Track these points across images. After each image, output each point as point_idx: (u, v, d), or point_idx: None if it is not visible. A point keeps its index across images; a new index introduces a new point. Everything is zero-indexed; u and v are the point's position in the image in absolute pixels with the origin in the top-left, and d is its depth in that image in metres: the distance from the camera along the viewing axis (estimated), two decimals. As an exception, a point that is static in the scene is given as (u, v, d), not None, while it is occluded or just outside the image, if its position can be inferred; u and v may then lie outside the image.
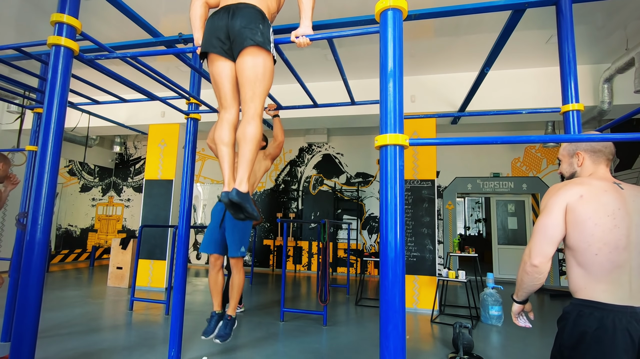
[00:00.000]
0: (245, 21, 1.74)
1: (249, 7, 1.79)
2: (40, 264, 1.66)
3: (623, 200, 1.19)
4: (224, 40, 1.78)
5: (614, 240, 1.15)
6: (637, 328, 1.09)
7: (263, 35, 1.75)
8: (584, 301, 1.18)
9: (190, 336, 3.50)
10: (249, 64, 1.76)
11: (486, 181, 7.60)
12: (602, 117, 4.85)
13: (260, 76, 1.78)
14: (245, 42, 1.73)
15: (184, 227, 2.87)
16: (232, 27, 1.75)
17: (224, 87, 1.86)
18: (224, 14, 1.78)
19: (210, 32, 1.80)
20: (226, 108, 1.89)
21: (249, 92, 1.78)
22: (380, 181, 1.40)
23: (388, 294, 1.33)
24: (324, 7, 3.71)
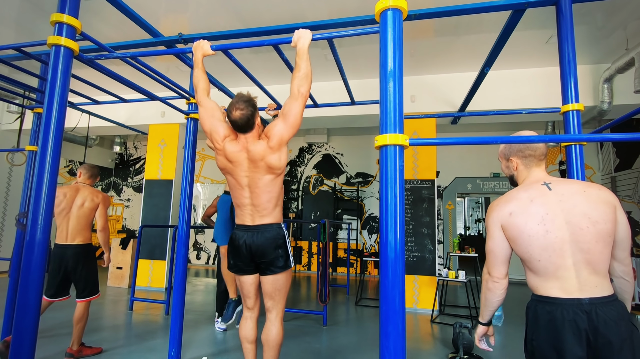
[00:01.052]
0: (267, 252, 1.97)
1: (267, 231, 1.98)
2: (40, 264, 1.66)
3: (550, 203, 1.28)
4: (249, 263, 2.03)
5: (550, 244, 1.24)
6: (582, 318, 1.18)
7: (283, 259, 1.99)
8: (539, 297, 1.30)
9: (190, 336, 3.50)
10: (273, 283, 2.02)
11: (486, 181, 7.60)
12: (602, 117, 4.84)
13: (282, 288, 2.05)
14: (269, 272, 2.00)
15: (184, 227, 2.87)
16: (256, 256, 1.99)
17: (249, 293, 2.11)
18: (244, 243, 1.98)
19: (237, 258, 2.04)
20: (250, 308, 2.16)
21: (272, 301, 2.05)
22: (380, 181, 1.40)
23: (388, 294, 1.33)
24: (324, 7, 3.71)
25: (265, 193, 1.96)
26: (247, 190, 1.97)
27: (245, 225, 2.01)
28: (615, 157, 6.63)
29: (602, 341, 1.16)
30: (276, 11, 3.79)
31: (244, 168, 1.95)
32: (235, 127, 1.93)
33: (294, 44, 1.89)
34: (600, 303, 1.20)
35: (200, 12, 3.88)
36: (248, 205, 1.99)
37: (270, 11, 3.79)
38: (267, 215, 1.99)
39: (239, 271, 2.05)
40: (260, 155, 1.90)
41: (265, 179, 1.94)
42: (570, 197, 1.27)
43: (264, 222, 1.99)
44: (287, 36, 1.96)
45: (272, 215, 2.00)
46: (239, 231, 2.02)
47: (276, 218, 2.02)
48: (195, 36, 2.52)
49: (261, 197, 1.96)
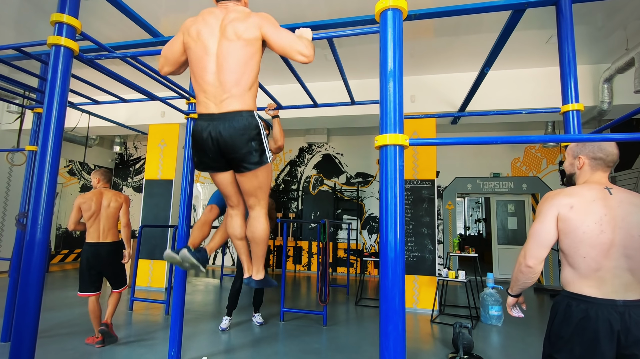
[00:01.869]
0: (237, 147, 1.67)
1: (236, 120, 1.66)
2: (40, 264, 1.66)
3: (610, 206, 1.33)
4: (218, 159, 1.76)
5: (600, 244, 1.29)
6: (616, 318, 1.24)
7: (258, 153, 1.71)
8: (572, 294, 1.33)
9: (190, 336, 3.50)
10: (249, 181, 1.79)
11: (486, 181, 7.60)
12: (602, 117, 4.84)
13: (262, 185, 1.83)
14: (243, 169, 1.74)
15: (184, 227, 2.87)
16: (224, 152, 1.71)
17: (227, 192, 1.92)
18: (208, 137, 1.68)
19: (202, 154, 1.76)
20: (233, 207, 1.99)
21: (253, 198, 1.87)
22: (380, 181, 1.40)
23: (388, 294, 1.33)
24: (324, 7, 3.71)
25: (237, 71, 1.65)
26: (213, 60, 1.66)
27: (209, 113, 1.68)
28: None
29: (633, 339, 1.23)
30: (276, 11, 3.79)
31: (214, 33, 1.69)
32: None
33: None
34: (633, 306, 1.25)
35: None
36: (213, 84, 1.66)
37: (270, 11, 3.76)
38: (236, 98, 1.66)
39: (207, 168, 1.80)
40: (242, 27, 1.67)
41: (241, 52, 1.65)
42: (628, 205, 1.33)
43: (233, 109, 1.65)
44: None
45: (243, 99, 1.67)
46: (202, 121, 1.70)
47: (248, 104, 1.69)
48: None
49: (231, 74, 1.64)
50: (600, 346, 1.25)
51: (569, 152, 1.54)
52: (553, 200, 1.38)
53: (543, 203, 1.41)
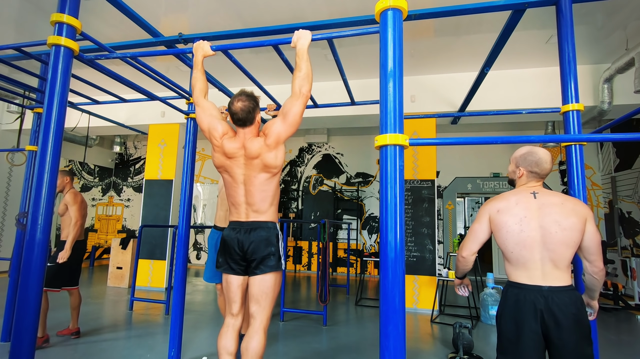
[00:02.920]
0: (259, 249, 1.90)
1: (261, 228, 1.92)
2: (40, 264, 1.66)
3: (530, 209, 1.59)
4: (239, 262, 1.94)
5: (522, 241, 1.56)
6: (540, 301, 1.51)
7: (275, 257, 1.92)
8: (511, 282, 1.64)
9: (190, 336, 3.50)
10: (260, 284, 1.91)
11: (486, 181, 7.60)
12: (602, 117, 4.84)
13: (269, 291, 1.93)
14: (259, 272, 1.91)
15: (184, 227, 2.87)
16: (247, 253, 1.91)
17: (235, 296, 1.97)
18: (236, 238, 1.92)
19: (227, 255, 1.95)
20: (234, 315, 1.99)
21: (257, 306, 1.91)
22: (380, 181, 1.40)
23: (388, 294, 1.33)
24: (324, 7, 3.71)
25: (260, 192, 1.92)
26: (242, 187, 1.94)
27: (239, 221, 1.95)
28: (615, 157, 6.63)
29: (552, 319, 1.50)
30: (276, 11, 3.79)
31: (240, 165, 1.93)
32: (235, 120, 1.92)
33: (294, 44, 1.89)
34: (557, 291, 1.52)
35: (200, 12, 3.88)
36: (243, 204, 1.95)
37: (270, 11, 3.79)
38: (262, 213, 1.94)
39: (227, 270, 1.96)
40: (256, 152, 1.88)
41: (260, 177, 1.91)
42: (548, 206, 1.57)
43: (259, 219, 1.94)
44: (287, 36, 1.96)
45: (267, 213, 1.95)
46: (231, 227, 1.96)
47: (271, 216, 1.97)
48: (195, 36, 2.52)
49: (256, 196, 1.92)
50: (526, 322, 1.53)
51: (513, 161, 1.76)
52: (487, 205, 1.69)
53: (481, 208, 1.71)
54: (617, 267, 6.25)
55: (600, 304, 5.32)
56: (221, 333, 1.96)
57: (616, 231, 6.44)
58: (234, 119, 1.92)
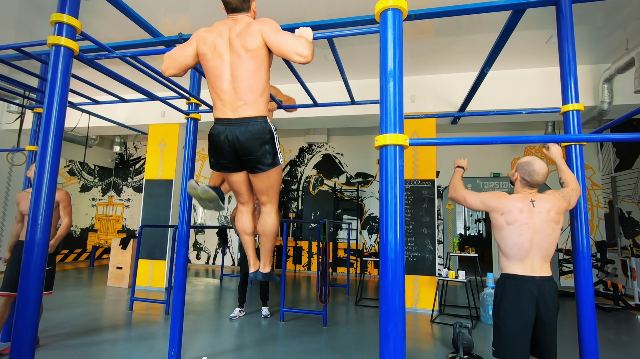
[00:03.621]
0: (253, 149, 1.80)
1: (251, 125, 1.79)
2: (40, 264, 1.66)
3: (530, 216, 1.87)
4: (233, 161, 1.88)
5: (520, 243, 1.85)
6: (535, 289, 1.82)
7: (271, 155, 1.84)
8: (507, 275, 1.90)
9: (190, 336, 3.50)
10: (262, 181, 1.92)
11: (486, 181, 7.60)
12: (602, 117, 4.84)
13: (274, 184, 1.95)
14: (257, 170, 1.87)
15: (184, 227, 2.87)
16: (240, 154, 1.83)
17: (240, 190, 2.03)
18: (225, 140, 1.80)
19: (219, 156, 1.88)
20: (244, 204, 2.09)
21: (265, 196, 1.99)
22: (380, 181, 1.40)
23: (388, 294, 1.33)
24: (324, 7, 3.71)
25: (248, 77, 1.76)
26: (228, 69, 1.78)
27: (226, 119, 1.80)
28: (615, 157, 6.63)
29: (544, 303, 1.82)
30: (276, 11, 3.79)
31: (226, 49, 1.79)
32: (228, 9, 1.84)
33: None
34: (546, 280, 1.85)
35: (200, 12, 3.89)
36: (228, 92, 1.79)
37: (270, 11, 3.79)
38: (251, 105, 1.78)
39: (222, 169, 1.91)
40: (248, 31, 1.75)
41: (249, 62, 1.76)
42: (543, 214, 1.87)
43: (248, 114, 1.78)
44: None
45: (257, 105, 1.79)
46: (219, 125, 1.82)
47: (261, 109, 1.81)
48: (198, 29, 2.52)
49: (244, 83, 1.76)
50: (524, 307, 1.81)
51: (516, 166, 2.02)
52: (500, 198, 1.92)
53: (493, 194, 1.95)
54: (617, 267, 6.25)
55: (600, 304, 5.32)
56: (237, 218, 2.10)
57: (616, 231, 6.45)
58: (227, 8, 1.85)
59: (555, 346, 1.89)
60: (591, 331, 1.88)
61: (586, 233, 1.95)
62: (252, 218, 2.11)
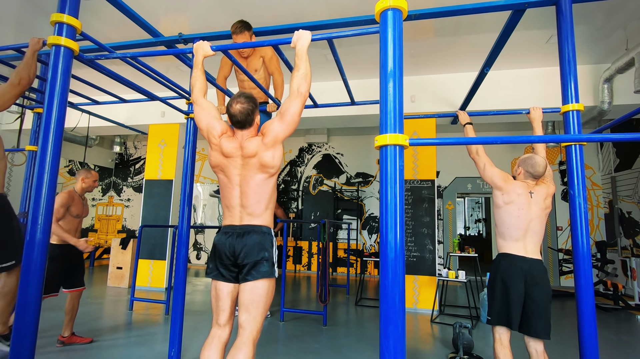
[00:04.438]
0: (251, 253, 1.81)
1: (255, 232, 1.85)
2: (40, 264, 1.66)
3: (528, 203, 2.17)
4: (230, 267, 1.86)
5: (516, 225, 2.17)
6: (525, 267, 2.12)
7: (269, 263, 1.83)
8: (502, 254, 2.22)
9: (190, 336, 3.50)
10: (251, 292, 1.81)
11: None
12: (602, 117, 4.84)
13: (261, 301, 1.82)
14: (250, 278, 1.81)
15: (184, 227, 2.87)
16: (238, 257, 1.83)
17: (224, 305, 1.87)
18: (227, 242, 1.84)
19: (218, 260, 1.87)
20: (221, 325, 1.88)
21: (247, 314, 1.79)
22: (380, 181, 1.40)
23: (388, 294, 1.33)
24: (324, 7, 3.71)
25: (255, 193, 1.86)
26: (237, 189, 1.89)
27: (232, 225, 1.89)
28: (615, 157, 6.63)
29: (532, 281, 2.11)
30: (276, 11, 3.79)
31: (237, 166, 1.89)
32: (233, 122, 1.90)
33: (294, 44, 1.89)
34: (535, 261, 2.15)
35: (200, 12, 3.88)
36: (237, 206, 1.89)
37: (270, 11, 3.79)
38: (256, 216, 1.88)
39: (217, 276, 1.87)
40: (253, 151, 1.85)
41: (257, 178, 1.86)
42: (540, 202, 2.19)
43: (253, 223, 1.87)
44: (287, 36, 1.96)
45: (262, 217, 1.89)
46: (224, 231, 1.89)
47: (266, 221, 1.91)
48: (195, 36, 2.52)
49: (251, 197, 1.86)
50: (514, 281, 2.12)
51: (517, 162, 2.33)
52: (510, 182, 2.24)
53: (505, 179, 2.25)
54: (617, 267, 6.25)
55: (600, 304, 5.32)
56: (205, 344, 1.84)
57: (616, 231, 6.45)
58: (233, 121, 1.90)
59: (546, 326, 2.08)
60: (591, 331, 1.87)
61: (586, 233, 1.95)
62: (222, 351, 1.86)
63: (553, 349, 3.44)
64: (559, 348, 3.47)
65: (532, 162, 2.22)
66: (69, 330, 3.18)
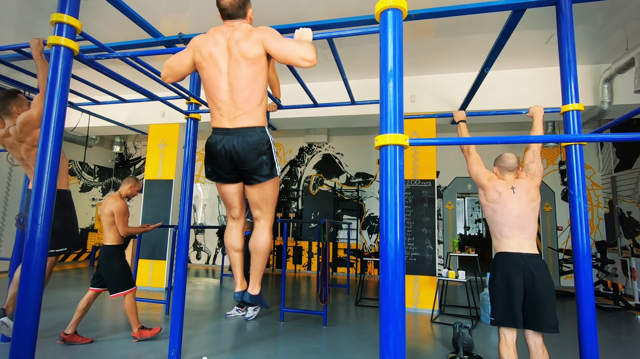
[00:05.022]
0: (250, 160, 1.78)
1: (249, 135, 1.77)
2: (40, 264, 1.66)
3: (510, 200, 2.23)
4: (230, 171, 1.86)
5: (503, 222, 2.22)
6: (521, 263, 2.15)
7: (268, 166, 1.82)
8: (499, 253, 2.25)
9: (190, 336, 3.50)
10: (258, 193, 1.88)
11: (486, 181, 7.60)
12: (602, 117, 4.84)
13: (269, 197, 1.90)
14: (253, 181, 1.84)
15: (184, 227, 2.87)
16: (237, 164, 1.81)
17: (233, 203, 1.98)
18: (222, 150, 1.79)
19: (215, 165, 1.86)
20: (234, 218, 2.03)
21: (259, 211, 1.94)
22: (380, 181, 1.40)
23: (388, 294, 1.33)
24: (324, 7, 3.71)
25: (246, 86, 1.75)
26: (225, 79, 1.76)
27: (224, 128, 1.79)
28: (615, 157, 6.63)
29: (530, 275, 2.13)
30: (276, 11, 3.79)
31: (224, 55, 1.76)
32: (224, 15, 1.81)
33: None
34: (531, 256, 2.17)
35: (200, 12, 3.88)
36: (226, 102, 1.77)
37: (270, 11, 3.79)
38: (248, 114, 1.77)
39: (218, 179, 1.89)
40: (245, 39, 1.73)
41: (248, 71, 1.74)
42: (522, 197, 2.23)
43: (246, 124, 1.77)
44: (287, 36, 1.95)
45: (255, 115, 1.78)
46: (217, 134, 1.81)
47: (259, 119, 1.80)
48: (195, 36, 2.52)
49: (242, 91, 1.74)
50: (513, 278, 2.14)
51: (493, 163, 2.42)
52: (492, 179, 2.33)
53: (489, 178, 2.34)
54: (617, 267, 6.25)
55: (600, 304, 5.32)
56: (226, 234, 2.03)
57: (616, 231, 6.45)
58: (223, 15, 1.81)
59: (552, 319, 2.08)
60: (591, 331, 1.87)
61: (586, 233, 1.95)
62: (241, 235, 2.04)
63: (553, 349, 3.44)
64: (559, 348, 3.47)
65: (502, 157, 2.36)
66: (73, 328, 3.20)
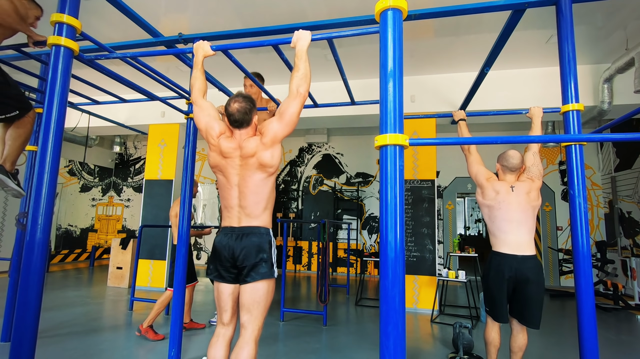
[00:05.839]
0: (250, 255, 1.83)
1: (253, 234, 1.87)
2: (40, 264, 1.66)
3: (509, 200, 2.25)
4: (229, 269, 1.88)
5: (503, 225, 2.25)
6: (514, 264, 2.20)
7: (267, 265, 1.85)
8: (495, 252, 2.30)
9: (190, 336, 3.50)
10: (252, 293, 1.85)
11: (486, 181, 7.59)
12: (602, 117, 4.84)
13: (262, 301, 1.86)
14: (250, 279, 1.84)
15: (184, 227, 2.87)
16: (237, 259, 1.85)
17: (225, 305, 1.91)
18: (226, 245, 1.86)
19: (218, 262, 1.90)
20: (225, 324, 1.93)
21: (249, 315, 1.84)
22: (380, 181, 1.40)
23: (388, 294, 1.33)
24: (323, 7, 3.71)
25: (254, 194, 1.87)
26: (236, 189, 1.89)
27: (231, 227, 1.90)
28: (615, 157, 6.63)
29: (522, 275, 2.19)
30: (276, 11, 3.79)
31: (235, 166, 1.89)
32: (231, 121, 1.89)
33: (294, 44, 1.89)
34: (525, 257, 2.21)
35: (200, 12, 3.88)
36: (236, 207, 1.90)
37: (270, 11, 3.79)
38: (255, 217, 1.89)
39: (218, 277, 1.90)
40: (252, 151, 1.85)
41: (255, 178, 1.87)
42: (522, 196, 2.25)
43: (251, 224, 1.89)
44: (287, 36, 1.96)
45: (261, 218, 1.90)
46: (223, 233, 1.91)
47: (264, 221, 1.92)
48: (195, 36, 2.52)
49: (249, 198, 1.87)
50: (504, 277, 2.22)
51: (496, 160, 2.44)
52: (491, 180, 2.37)
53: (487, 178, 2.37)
54: (617, 267, 6.25)
55: (600, 304, 5.32)
56: (211, 343, 1.90)
57: (616, 231, 6.45)
58: (231, 120, 1.89)
59: (537, 318, 2.24)
60: (591, 331, 1.87)
61: (586, 233, 1.95)
62: (228, 348, 1.90)
63: (553, 349, 3.45)
64: (559, 348, 3.47)
65: (505, 155, 2.35)
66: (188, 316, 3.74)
